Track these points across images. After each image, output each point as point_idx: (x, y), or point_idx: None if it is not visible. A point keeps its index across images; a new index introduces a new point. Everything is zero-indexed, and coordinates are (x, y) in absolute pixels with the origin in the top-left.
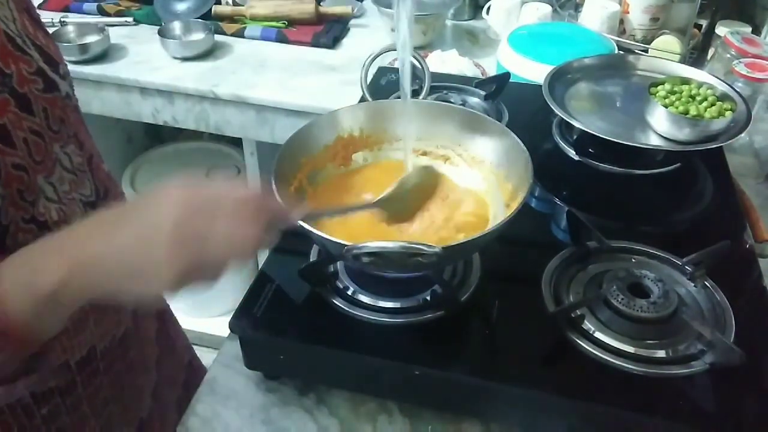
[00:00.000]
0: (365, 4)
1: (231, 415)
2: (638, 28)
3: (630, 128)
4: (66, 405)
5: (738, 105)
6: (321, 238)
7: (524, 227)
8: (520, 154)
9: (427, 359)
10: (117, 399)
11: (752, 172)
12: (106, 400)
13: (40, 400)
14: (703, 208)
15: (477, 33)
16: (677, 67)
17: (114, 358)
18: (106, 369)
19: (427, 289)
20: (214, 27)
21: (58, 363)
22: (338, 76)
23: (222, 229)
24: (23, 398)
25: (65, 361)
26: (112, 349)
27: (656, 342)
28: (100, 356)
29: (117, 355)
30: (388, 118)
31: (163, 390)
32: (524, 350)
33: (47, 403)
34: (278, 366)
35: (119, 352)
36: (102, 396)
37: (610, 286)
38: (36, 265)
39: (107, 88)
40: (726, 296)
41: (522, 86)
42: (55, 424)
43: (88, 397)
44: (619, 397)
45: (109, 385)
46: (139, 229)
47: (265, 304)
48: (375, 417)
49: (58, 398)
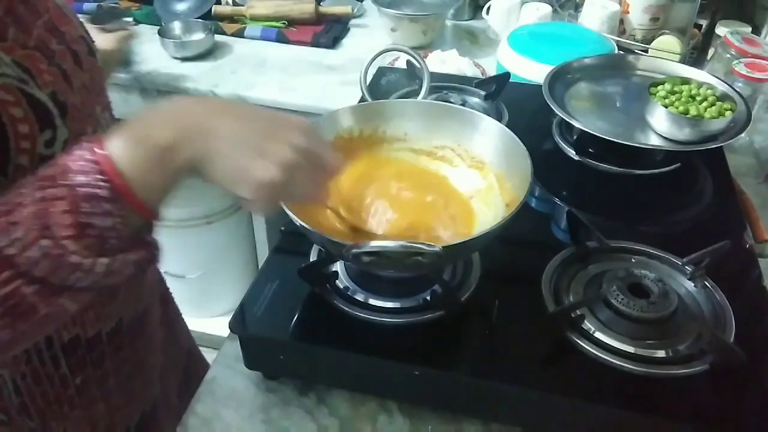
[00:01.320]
0: (365, 4)
1: (231, 415)
2: (638, 28)
3: (630, 128)
4: (96, 377)
5: (738, 105)
6: (321, 238)
7: (524, 227)
8: (520, 154)
9: (427, 359)
10: (137, 375)
11: (752, 172)
12: (128, 375)
13: (75, 369)
14: (703, 208)
15: (477, 33)
16: (677, 67)
17: (136, 333)
18: (129, 343)
19: (427, 289)
20: (214, 27)
21: (93, 333)
22: (338, 76)
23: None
24: (61, 367)
25: (98, 332)
26: (135, 324)
27: (656, 342)
28: (126, 329)
29: (138, 331)
30: (388, 118)
31: (169, 373)
32: (524, 350)
33: (81, 373)
34: (278, 366)
35: (140, 328)
36: (126, 371)
37: (610, 286)
38: (150, 125)
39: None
40: (726, 296)
41: (522, 86)
42: (86, 396)
43: (115, 371)
44: (619, 397)
45: (132, 359)
46: (263, 126)
47: (265, 304)
48: (375, 417)
49: (90, 369)
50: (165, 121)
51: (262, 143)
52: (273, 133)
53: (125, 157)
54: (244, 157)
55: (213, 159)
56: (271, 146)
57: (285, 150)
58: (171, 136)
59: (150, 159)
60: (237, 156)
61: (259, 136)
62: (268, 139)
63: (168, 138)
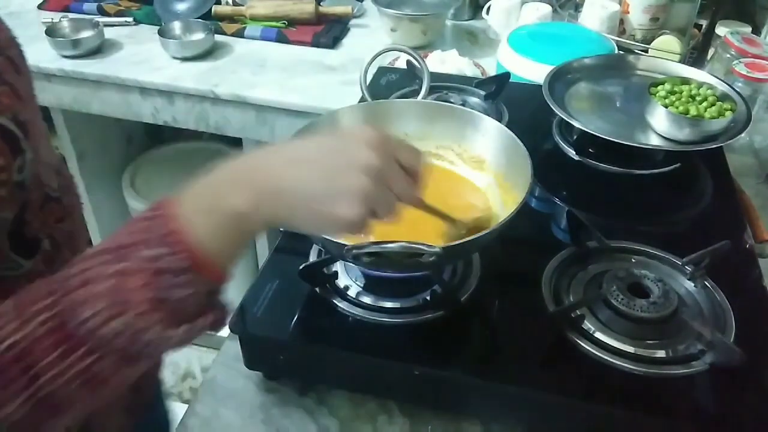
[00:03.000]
0: (365, 4)
1: (231, 415)
2: (638, 28)
3: (630, 128)
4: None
5: (738, 105)
6: (321, 238)
7: (524, 227)
8: (520, 154)
9: (427, 359)
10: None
11: (752, 172)
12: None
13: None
14: (703, 208)
15: (477, 33)
16: (677, 67)
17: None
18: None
19: (427, 289)
20: (214, 27)
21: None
22: (338, 76)
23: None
24: None
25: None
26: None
27: (656, 342)
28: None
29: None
30: (388, 118)
31: None
32: (524, 350)
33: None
34: (278, 366)
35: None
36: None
37: (610, 286)
38: (220, 192)
39: (107, 88)
40: (726, 296)
41: (522, 86)
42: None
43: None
44: (619, 397)
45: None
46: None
47: (265, 304)
48: (375, 417)
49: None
50: (235, 184)
51: (334, 182)
52: (340, 163)
53: (199, 226)
54: (320, 205)
55: (290, 217)
56: (343, 181)
57: (359, 179)
58: (244, 203)
59: (224, 227)
60: (313, 207)
61: (328, 176)
62: (338, 176)
63: (241, 205)
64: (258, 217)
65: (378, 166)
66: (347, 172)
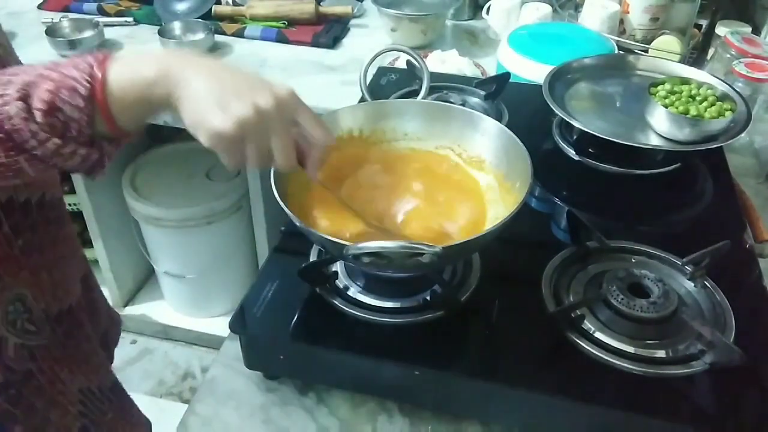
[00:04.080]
0: (365, 4)
1: (231, 415)
2: (638, 28)
3: (630, 128)
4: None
5: (738, 105)
6: (321, 238)
7: (524, 227)
8: (520, 154)
9: (427, 359)
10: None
11: (752, 172)
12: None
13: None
14: (703, 208)
15: (477, 33)
16: (677, 67)
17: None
18: (55, 218)
19: (427, 289)
20: (214, 27)
21: (23, 198)
22: (338, 76)
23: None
24: (3, 227)
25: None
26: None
27: (656, 342)
28: (48, 203)
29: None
30: (387, 118)
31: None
32: (524, 350)
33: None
34: (278, 366)
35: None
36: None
37: (610, 286)
38: (144, 60)
39: None
40: (726, 296)
41: (522, 86)
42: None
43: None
44: (619, 397)
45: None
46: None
47: (265, 304)
48: (375, 417)
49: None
50: (155, 61)
51: (227, 98)
52: (242, 91)
53: (114, 74)
54: (207, 106)
55: (183, 103)
56: (234, 102)
57: (246, 108)
58: (153, 74)
59: (131, 84)
60: (202, 104)
61: (227, 92)
62: (234, 96)
63: (151, 74)
64: (159, 89)
65: (270, 112)
66: (241, 98)
